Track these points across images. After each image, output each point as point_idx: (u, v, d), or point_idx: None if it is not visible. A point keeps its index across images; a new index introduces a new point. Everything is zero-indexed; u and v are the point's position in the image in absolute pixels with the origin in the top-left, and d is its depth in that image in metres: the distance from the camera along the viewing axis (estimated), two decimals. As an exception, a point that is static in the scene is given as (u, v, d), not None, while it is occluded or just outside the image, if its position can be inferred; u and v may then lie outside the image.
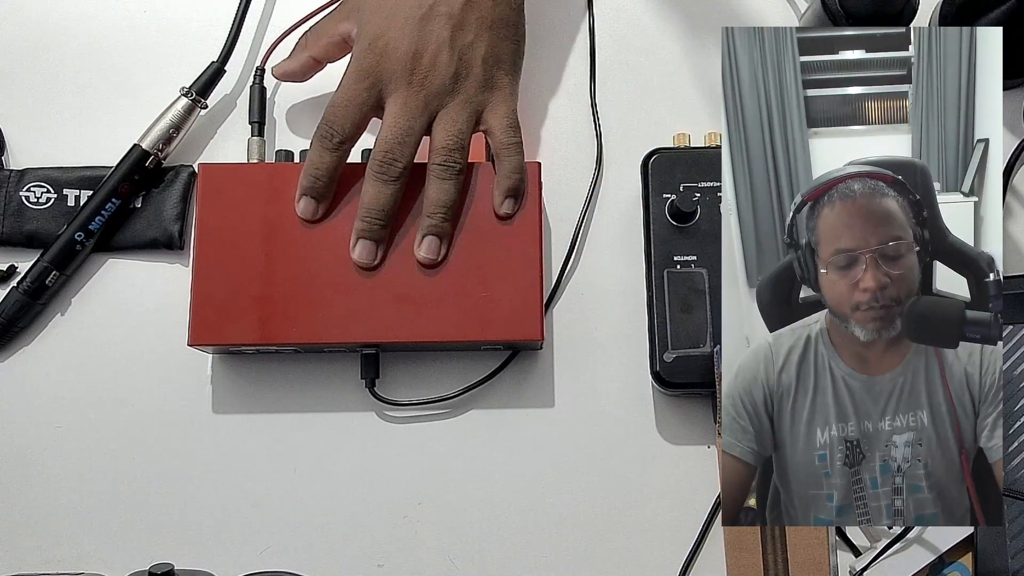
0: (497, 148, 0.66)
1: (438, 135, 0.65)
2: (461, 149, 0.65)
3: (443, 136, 0.65)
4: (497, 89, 0.66)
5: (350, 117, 0.65)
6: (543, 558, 0.66)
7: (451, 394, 0.67)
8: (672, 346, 0.65)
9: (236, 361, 0.69)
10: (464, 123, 0.65)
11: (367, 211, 0.64)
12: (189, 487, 0.67)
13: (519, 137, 0.66)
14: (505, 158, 0.66)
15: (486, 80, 0.66)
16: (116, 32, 0.75)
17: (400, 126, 0.64)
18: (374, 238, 0.65)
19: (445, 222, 0.65)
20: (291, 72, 0.71)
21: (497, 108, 0.66)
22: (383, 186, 0.64)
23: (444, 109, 0.65)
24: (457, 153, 0.65)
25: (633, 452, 0.67)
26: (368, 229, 0.65)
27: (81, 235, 0.68)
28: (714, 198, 0.68)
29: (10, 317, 0.68)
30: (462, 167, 0.65)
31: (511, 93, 0.67)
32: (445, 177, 0.65)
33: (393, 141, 0.64)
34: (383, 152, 0.64)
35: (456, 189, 0.65)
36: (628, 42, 0.76)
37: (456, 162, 0.65)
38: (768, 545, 0.62)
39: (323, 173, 0.65)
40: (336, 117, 0.64)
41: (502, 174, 0.66)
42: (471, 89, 0.65)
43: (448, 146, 0.64)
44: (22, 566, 0.65)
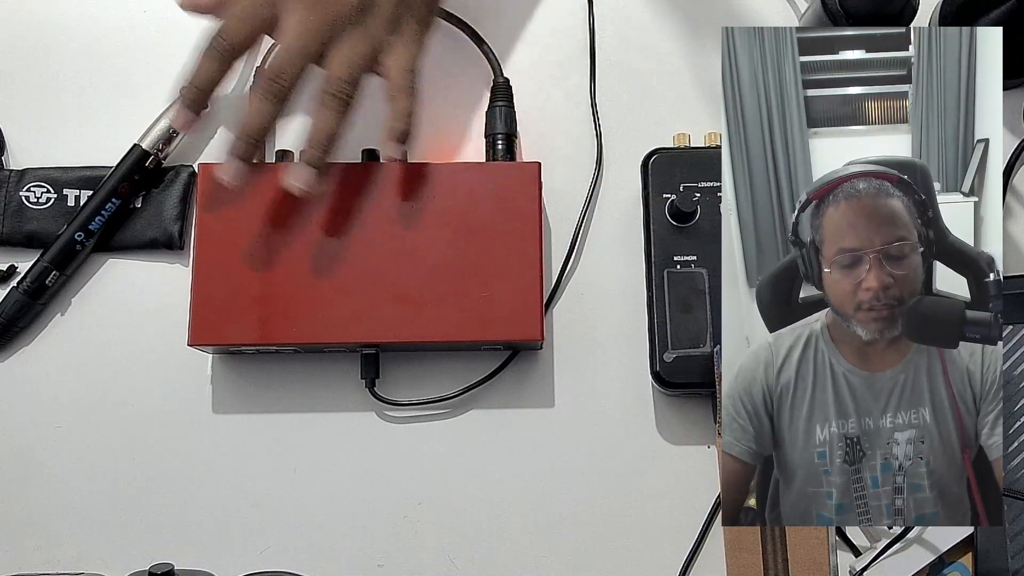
0: (390, 90, 0.64)
1: (332, 63, 0.63)
2: (352, 82, 0.63)
3: (336, 65, 0.63)
4: (402, 33, 0.65)
5: (244, 28, 0.63)
6: (543, 558, 0.66)
7: (451, 394, 0.67)
8: (672, 346, 0.65)
9: (236, 361, 0.69)
10: (360, 57, 0.63)
11: (243, 128, 0.62)
12: (189, 487, 0.67)
13: (415, 83, 0.65)
14: (395, 100, 0.64)
15: (392, 20, 0.64)
16: (116, 32, 0.75)
17: (293, 46, 0.62)
18: (245, 157, 0.63)
19: (324, 153, 0.63)
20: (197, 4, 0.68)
21: (398, 51, 0.65)
22: (264, 104, 0.62)
23: (342, 39, 0.63)
24: (347, 85, 0.63)
25: (633, 452, 0.67)
26: (241, 148, 0.63)
27: (81, 235, 0.68)
28: (714, 198, 0.68)
29: (10, 317, 0.68)
30: (350, 99, 0.63)
31: (415, 41, 0.66)
32: (331, 107, 0.63)
33: (283, 59, 0.62)
34: (271, 69, 0.62)
35: (341, 121, 0.63)
36: (628, 42, 0.76)
37: (345, 93, 0.63)
38: (768, 545, 0.62)
39: (205, 81, 0.63)
40: (230, 26, 0.63)
41: (389, 116, 0.64)
42: (374, 26, 0.64)
43: (341, 76, 0.63)
44: (22, 566, 0.65)
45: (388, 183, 0.67)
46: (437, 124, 0.73)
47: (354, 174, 0.67)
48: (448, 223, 0.66)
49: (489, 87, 0.72)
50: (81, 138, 0.73)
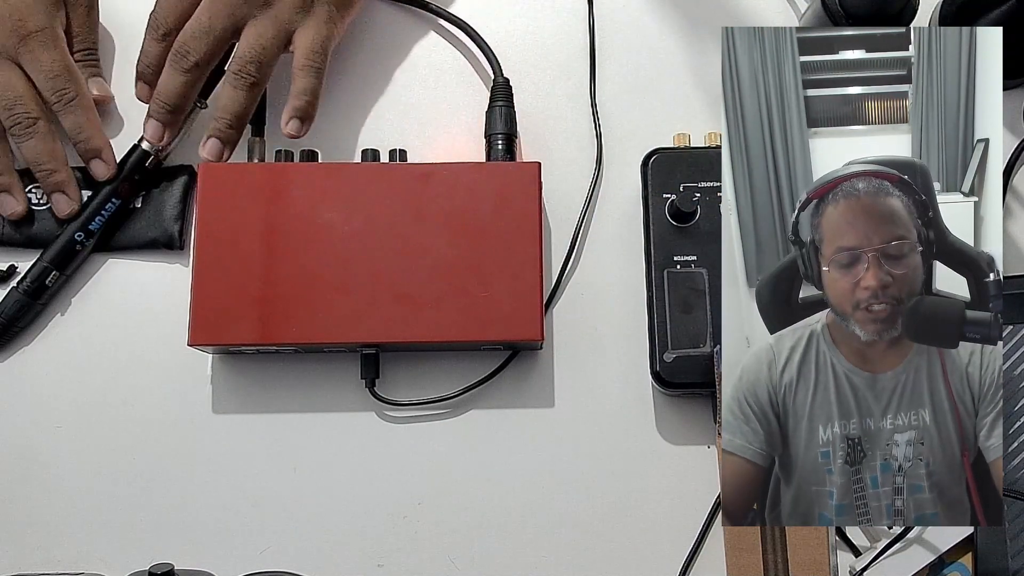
0: (294, 68, 0.68)
1: (241, 45, 0.67)
2: (259, 63, 0.67)
3: (245, 47, 0.67)
4: (313, 15, 0.68)
5: (173, 9, 0.68)
6: (543, 558, 0.66)
7: (451, 394, 0.67)
8: (672, 346, 0.65)
9: (236, 361, 0.69)
10: (269, 39, 0.67)
11: (158, 94, 0.68)
12: (189, 487, 0.67)
13: (320, 63, 0.68)
14: (298, 79, 0.68)
15: (304, 3, 0.67)
16: (116, 32, 0.75)
17: (200, 22, 0.67)
18: (163, 121, 0.68)
19: (231, 129, 0.68)
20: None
21: (307, 31, 0.68)
22: (174, 74, 0.67)
23: (253, 20, 0.67)
24: (252, 65, 0.67)
25: (633, 452, 0.67)
26: (159, 112, 0.68)
27: (81, 235, 0.68)
28: (714, 198, 0.68)
29: (10, 317, 0.68)
30: (256, 80, 0.67)
31: (327, 21, 0.68)
32: (237, 86, 0.67)
33: (188, 34, 0.67)
34: (178, 42, 0.67)
35: (247, 100, 0.67)
36: (628, 42, 0.76)
37: (250, 74, 0.67)
38: (768, 545, 0.62)
39: (152, 60, 0.69)
40: (162, 8, 0.68)
41: (291, 93, 0.68)
42: (285, 8, 0.67)
43: (246, 57, 0.67)
44: (22, 566, 0.65)
45: (388, 183, 0.67)
46: (437, 124, 0.73)
47: (354, 174, 0.67)
48: (448, 223, 0.66)
49: (489, 87, 0.72)
50: (81, 138, 0.73)
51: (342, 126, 0.73)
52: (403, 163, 0.69)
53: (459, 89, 0.74)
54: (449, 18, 0.75)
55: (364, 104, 0.74)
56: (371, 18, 0.76)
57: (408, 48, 0.76)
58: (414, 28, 0.76)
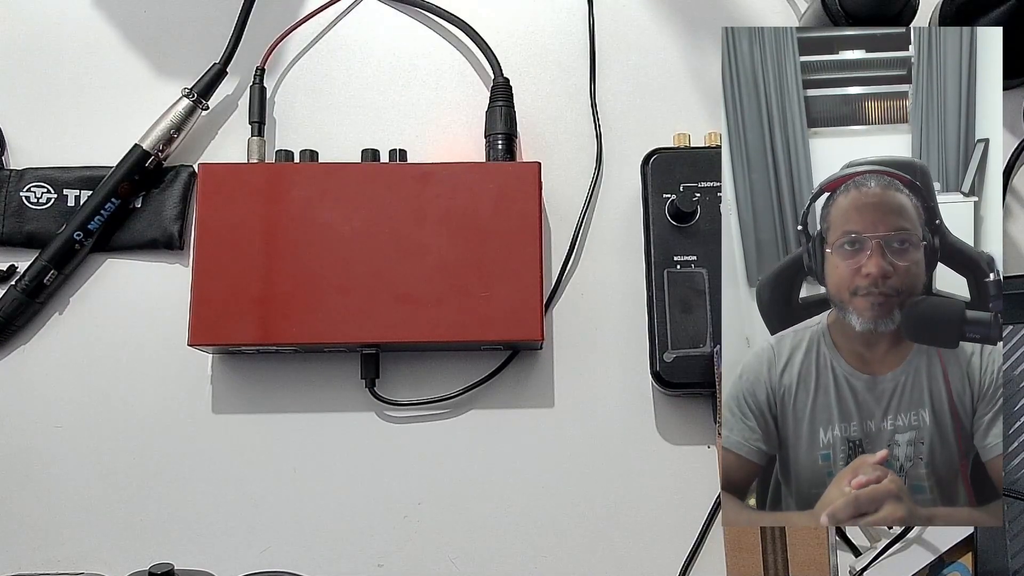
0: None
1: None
2: None
3: None
4: None
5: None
6: (543, 558, 0.66)
7: (451, 394, 0.67)
8: (672, 346, 0.65)
9: (236, 361, 0.69)
10: None
11: None
12: (189, 487, 0.67)
13: None
14: None
15: None
16: (116, 32, 0.75)
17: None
18: None
19: None
20: None
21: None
22: None
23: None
24: None
25: (633, 452, 0.67)
26: None
27: (80, 234, 0.68)
28: (714, 198, 0.68)
29: (8, 315, 0.68)
30: None
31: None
32: None
33: None
34: None
35: None
36: (628, 42, 0.76)
37: None
38: (768, 545, 0.62)
39: None
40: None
41: None
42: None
43: None
44: (22, 566, 0.65)
45: (388, 183, 0.67)
46: (437, 124, 0.73)
47: (354, 174, 0.67)
48: (448, 223, 0.66)
49: (489, 87, 0.72)
50: (81, 138, 0.73)
51: (342, 126, 0.73)
52: (403, 163, 0.69)
53: (459, 89, 0.74)
54: (449, 18, 0.75)
55: (364, 104, 0.74)
56: (371, 18, 0.76)
57: (408, 48, 0.76)
58: (414, 28, 0.76)
